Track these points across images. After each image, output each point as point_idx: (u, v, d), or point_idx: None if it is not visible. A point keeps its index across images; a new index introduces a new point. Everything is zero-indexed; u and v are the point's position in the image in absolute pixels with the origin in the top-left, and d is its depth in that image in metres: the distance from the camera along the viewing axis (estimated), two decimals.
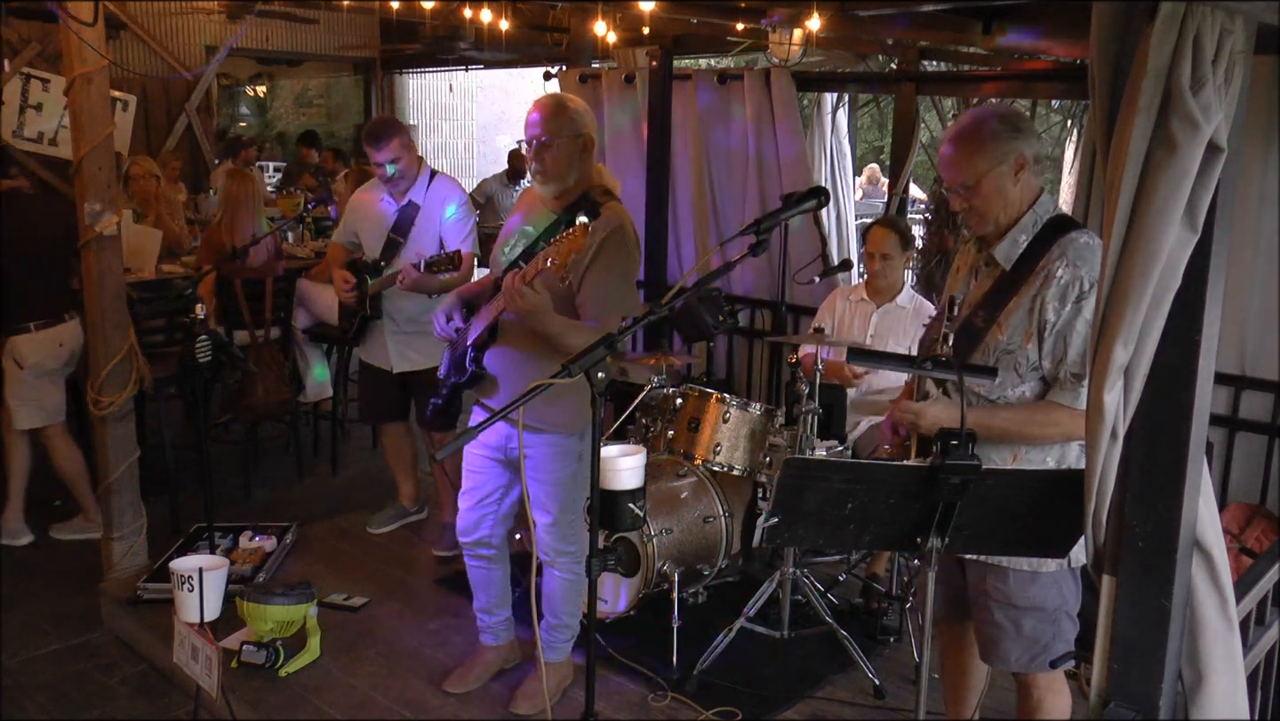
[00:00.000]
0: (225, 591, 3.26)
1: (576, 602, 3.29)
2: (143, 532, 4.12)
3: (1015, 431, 2.34)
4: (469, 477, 3.26)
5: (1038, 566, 2.38)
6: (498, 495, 3.24)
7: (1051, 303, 2.28)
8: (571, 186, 3.00)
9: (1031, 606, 2.40)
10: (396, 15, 6.54)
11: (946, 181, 2.41)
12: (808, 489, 1.99)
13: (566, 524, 3.17)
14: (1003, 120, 2.35)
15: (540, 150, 2.94)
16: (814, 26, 4.35)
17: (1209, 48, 1.50)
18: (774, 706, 3.35)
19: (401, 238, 4.16)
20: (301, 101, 14.65)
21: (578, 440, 3.09)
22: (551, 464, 3.08)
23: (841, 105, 5.80)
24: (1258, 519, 3.75)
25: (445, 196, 4.18)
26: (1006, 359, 2.34)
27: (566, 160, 2.95)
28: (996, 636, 2.45)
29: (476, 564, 3.34)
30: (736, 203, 5.75)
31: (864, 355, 3.53)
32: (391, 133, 4.09)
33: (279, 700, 3.33)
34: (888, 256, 4.20)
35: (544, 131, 2.93)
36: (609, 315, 2.92)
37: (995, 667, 2.55)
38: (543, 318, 2.83)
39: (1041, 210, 2.37)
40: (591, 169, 3.05)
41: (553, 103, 2.99)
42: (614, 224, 2.95)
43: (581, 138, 2.97)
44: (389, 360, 4.28)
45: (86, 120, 3.71)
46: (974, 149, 2.34)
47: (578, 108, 3.01)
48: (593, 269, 2.91)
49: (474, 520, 3.27)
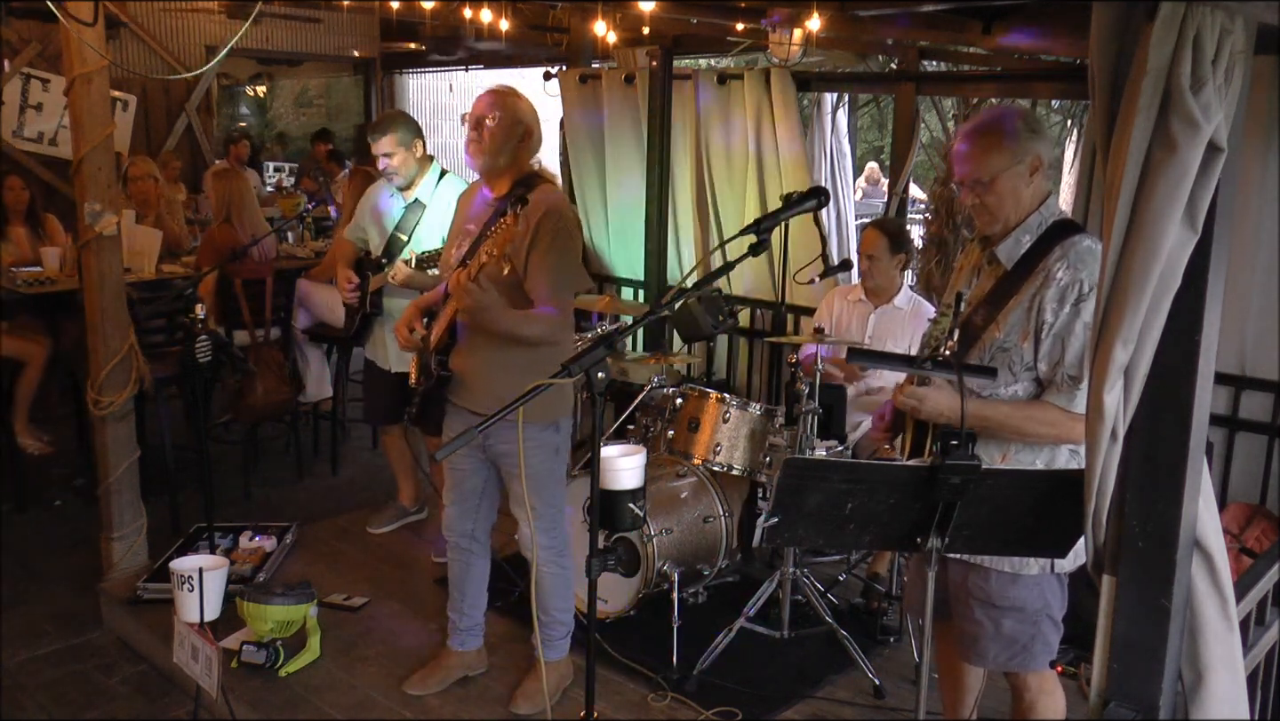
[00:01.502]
0: (225, 591, 3.27)
1: (566, 597, 3.30)
2: (143, 532, 4.12)
3: (1011, 427, 2.34)
4: (450, 475, 3.29)
5: (1019, 568, 2.38)
6: (480, 490, 3.27)
7: (1050, 304, 2.28)
8: (502, 168, 3.03)
9: (1011, 607, 2.40)
10: (396, 15, 6.54)
11: (959, 176, 2.40)
12: (808, 489, 1.99)
13: (548, 517, 3.18)
14: (1024, 120, 2.35)
15: (478, 123, 3.00)
16: (814, 26, 4.36)
17: (1209, 48, 1.50)
18: (774, 706, 3.35)
19: (405, 235, 4.14)
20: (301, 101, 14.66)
21: (553, 431, 3.11)
22: (528, 457, 3.07)
23: (841, 105, 5.81)
24: (1258, 519, 3.75)
25: (451, 197, 4.09)
26: (1001, 357, 2.34)
27: (502, 139, 2.99)
28: (976, 634, 2.45)
29: (456, 557, 3.36)
30: (736, 203, 5.75)
31: (864, 355, 3.53)
32: (386, 128, 4.06)
33: (279, 700, 3.33)
34: (874, 258, 4.20)
35: (487, 111, 2.99)
36: (559, 296, 2.98)
37: (974, 665, 2.56)
38: (491, 315, 2.89)
39: (1047, 212, 2.37)
40: (527, 160, 3.08)
41: (504, 90, 3.07)
42: (546, 205, 2.98)
43: (522, 125, 3.02)
44: (388, 358, 4.27)
45: (86, 120, 3.71)
46: (993, 145, 2.33)
47: (525, 102, 3.09)
48: (534, 253, 2.94)
49: (456, 515, 3.31)
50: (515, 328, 2.93)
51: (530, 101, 3.11)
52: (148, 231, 5.80)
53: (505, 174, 3.05)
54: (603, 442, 2.27)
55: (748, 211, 5.60)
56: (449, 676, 3.42)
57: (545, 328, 2.98)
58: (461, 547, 3.34)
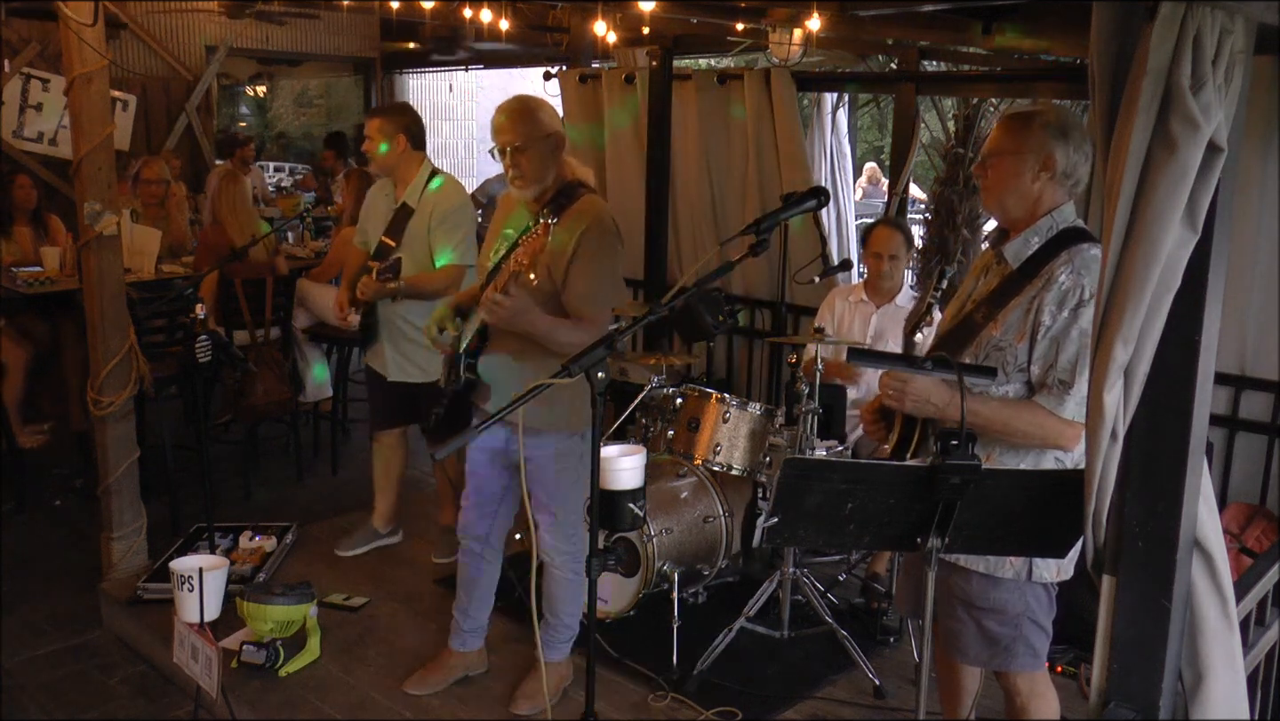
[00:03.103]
0: (225, 591, 3.27)
1: (577, 602, 3.29)
2: (143, 532, 4.12)
3: (998, 424, 2.32)
4: (472, 479, 3.27)
5: (995, 571, 2.39)
6: (499, 496, 3.26)
7: (1049, 306, 2.28)
8: (550, 185, 3.00)
9: (991, 609, 2.41)
10: (396, 15, 6.54)
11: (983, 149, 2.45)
12: (808, 489, 1.98)
13: (569, 524, 3.18)
14: (1054, 120, 2.35)
15: (515, 155, 2.93)
16: (814, 26, 4.36)
17: (1209, 48, 1.50)
18: (774, 706, 3.35)
19: (394, 241, 3.99)
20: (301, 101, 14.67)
21: (579, 440, 3.09)
22: (553, 464, 3.08)
23: (841, 105, 5.80)
24: (1258, 519, 3.75)
25: (438, 201, 3.98)
26: (996, 355, 2.34)
27: (542, 162, 2.95)
28: (958, 630, 2.47)
29: (468, 560, 3.34)
30: (736, 203, 5.75)
31: (864, 355, 3.53)
32: (380, 111, 4.04)
33: (279, 700, 3.33)
34: (895, 257, 4.21)
35: (516, 136, 2.92)
36: (597, 310, 2.94)
37: (956, 662, 2.57)
38: (526, 319, 2.84)
39: (1059, 218, 2.37)
40: (564, 165, 3.04)
41: (519, 105, 2.99)
42: (591, 217, 2.95)
43: (552, 136, 2.97)
44: (385, 366, 4.14)
45: (86, 120, 3.71)
46: (1014, 129, 2.37)
47: (543, 107, 3.02)
48: (575, 264, 2.91)
49: (474, 518, 3.29)
50: (550, 333, 2.87)
51: (543, 100, 3.06)
52: (148, 231, 5.80)
53: (553, 186, 3.01)
54: (603, 442, 2.27)
55: (748, 211, 5.61)
56: (449, 676, 3.42)
57: (578, 337, 2.86)
58: (474, 551, 3.32)
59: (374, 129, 3.96)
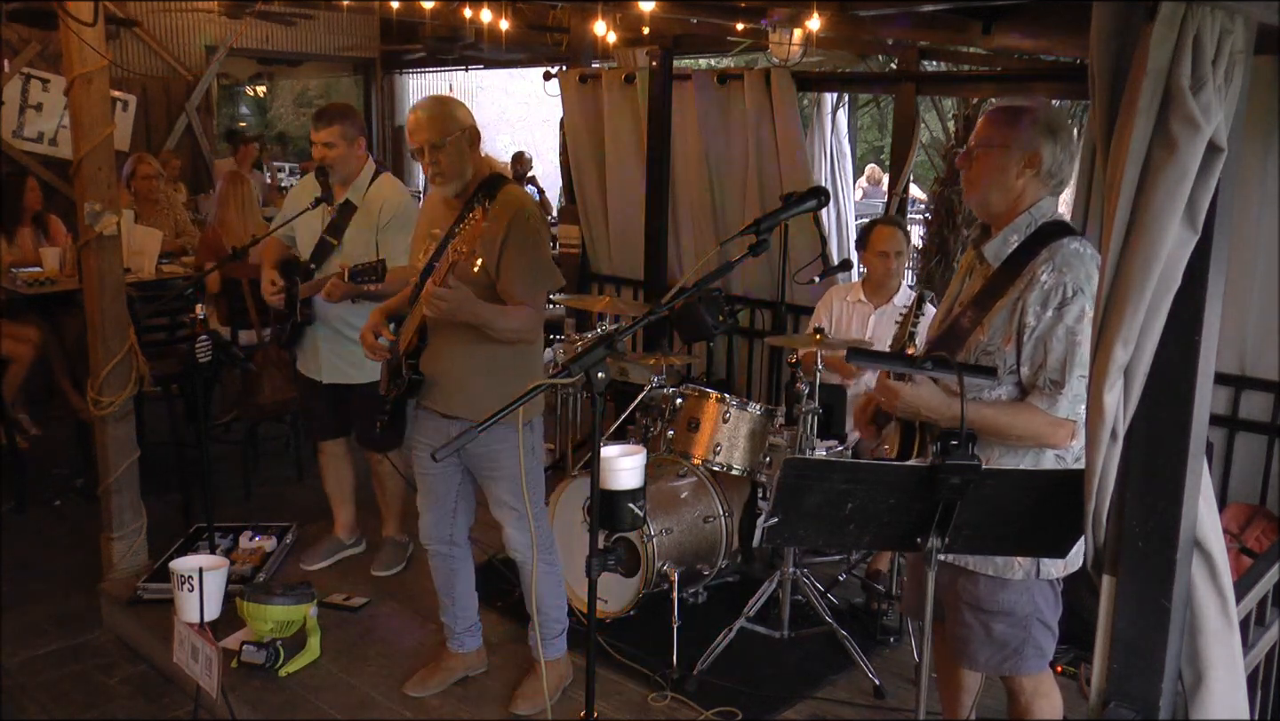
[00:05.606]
0: (225, 591, 3.27)
1: (558, 594, 3.30)
2: (143, 532, 4.12)
3: (992, 427, 2.32)
4: (423, 482, 3.27)
5: (1004, 572, 2.38)
6: (454, 495, 3.26)
7: (1033, 306, 2.26)
8: (470, 179, 3.04)
9: (1000, 611, 2.40)
10: (396, 15, 6.55)
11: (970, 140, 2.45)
12: (808, 489, 1.98)
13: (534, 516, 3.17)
14: (1043, 117, 2.35)
15: (434, 153, 2.97)
16: (814, 26, 4.36)
17: (1209, 48, 1.50)
18: (774, 706, 3.35)
19: (334, 239, 3.85)
20: (301, 101, 14.68)
21: (528, 431, 3.10)
22: (504, 458, 3.07)
23: (841, 105, 5.81)
24: (1258, 519, 3.75)
25: (384, 199, 3.86)
26: (986, 360, 2.33)
27: (460, 156, 3.00)
28: (966, 637, 2.45)
29: (439, 564, 3.34)
30: (736, 203, 5.75)
31: (863, 355, 3.53)
32: (333, 118, 3.80)
33: (279, 700, 3.33)
34: (900, 253, 4.22)
35: (433, 134, 2.97)
36: (533, 294, 3.01)
37: (965, 669, 2.56)
38: (469, 309, 2.89)
39: (1038, 213, 2.35)
40: (481, 158, 3.08)
41: (434, 104, 3.05)
42: (515, 207, 3.00)
43: (468, 131, 3.02)
44: (319, 370, 3.99)
45: (86, 120, 3.71)
46: (1003, 122, 2.36)
47: (455, 103, 3.08)
48: (505, 255, 2.95)
49: (433, 521, 3.28)
50: (493, 320, 2.93)
51: (456, 99, 3.13)
52: (148, 231, 5.81)
53: (473, 180, 3.06)
54: (603, 442, 2.27)
55: (748, 211, 5.61)
56: (449, 677, 3.42)
57: (521, 322, 2.99)
58: (443, 554, 3.32)
59: (334, 135, 3.78)
